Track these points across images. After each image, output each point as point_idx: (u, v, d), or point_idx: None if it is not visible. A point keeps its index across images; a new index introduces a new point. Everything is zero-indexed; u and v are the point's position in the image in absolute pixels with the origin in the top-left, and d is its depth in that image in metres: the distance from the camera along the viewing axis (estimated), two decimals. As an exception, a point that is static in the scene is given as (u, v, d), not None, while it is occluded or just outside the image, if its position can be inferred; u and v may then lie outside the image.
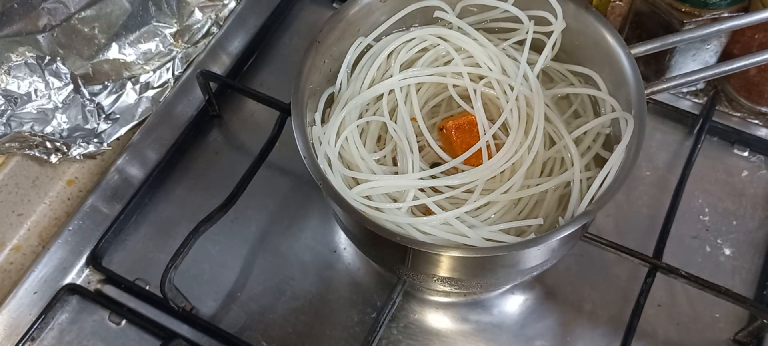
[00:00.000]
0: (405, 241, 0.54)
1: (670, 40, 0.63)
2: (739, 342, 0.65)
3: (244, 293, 0.69)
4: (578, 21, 0.63)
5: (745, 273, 0.69)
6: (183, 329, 0.67)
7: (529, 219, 0.58)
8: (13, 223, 0.70)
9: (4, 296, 0.67)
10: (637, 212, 0.72)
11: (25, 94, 0.72)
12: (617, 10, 0.79)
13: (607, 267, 0.69)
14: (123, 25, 0.78)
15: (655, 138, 0.77)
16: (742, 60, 0.61)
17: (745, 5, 0.70)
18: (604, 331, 0.66)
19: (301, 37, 0.87)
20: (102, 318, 0.68)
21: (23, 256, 0.70)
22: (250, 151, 0.74)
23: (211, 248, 0.71)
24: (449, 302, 0.69)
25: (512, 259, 0.57)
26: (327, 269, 0.70)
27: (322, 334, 0.67)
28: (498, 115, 0.63)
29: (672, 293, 0.68)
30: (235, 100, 0.82)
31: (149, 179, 0.74)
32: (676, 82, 0.61)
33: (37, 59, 0.73)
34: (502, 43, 0.66)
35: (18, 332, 0.66)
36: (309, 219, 0.73)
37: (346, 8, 0.64)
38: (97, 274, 0.70)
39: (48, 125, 0.72)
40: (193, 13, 0.82)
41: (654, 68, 0.77)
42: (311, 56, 0.61)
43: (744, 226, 0.71)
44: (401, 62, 0.65)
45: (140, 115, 0.77)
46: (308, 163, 0.55)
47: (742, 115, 0.77)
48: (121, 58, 0.77)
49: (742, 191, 0.74)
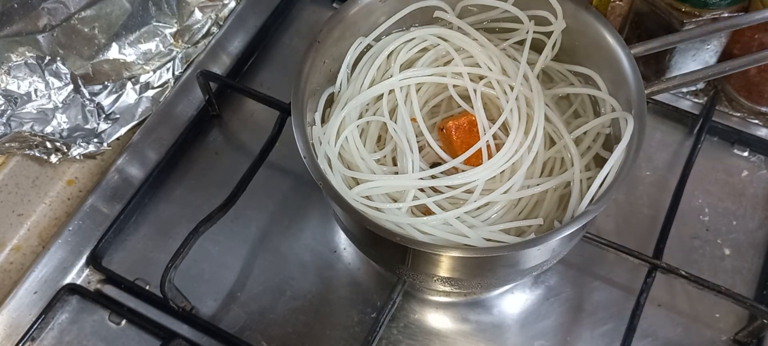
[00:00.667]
0: (405, 241, 0.54)
1: (670, 40, 0.63)
2: (739, 342, 0.65)
3: (244, 293, 0.69)
4: (578, 21, 0.63)
5: (745, 273, 0.69)
6: (183, 329, 0.67)
7: (529, 219, 0.58)
8: (13, 223, 0.70)
9: (4, 296, 0.67)
10: (637, 211, 0.72)
11: (25, 94, 0.72)
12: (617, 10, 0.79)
13: (607, 267, 0.69)
14: (123, 25, 0.78)
15: (655, 138, 0.77)
16: (742, 60, 0.61)
17: (745, 5, 0.70)
18: (605, 331, 0.66)
19: (301, 37, 0.87)
20: (102, 318, 0.68)
21: (23, 256, 0.70)
22: (250, 151, 0.74)
23: (211, 248, 0.71)
24: (449, 302, 0.69)
25: (512, 259, 0.57)
26: (327, 269, 0.70)
27: (322, 334, 0.67)
28: (498, 115, 0.63)
29: (672, 293, 0.68)
30: (235, 100, 0.82)
31: (149, 179, 0.74)
32: (676, 82, 0.61)
33: (37, 59, 0.73)
34: (502, 43, 0.66)
35: (18, 332, 0.66)
36: (309, 219, 0.73)
37: (346, 8, 0.64)
38: (97, 274, 0.70)
39: (48, 125, 0.72)
40: (193, 13, 0.82)
41: (654, 68, 0.77)
42: (311, 56, 0.61)
43: (744, 226, 0.71)
44: (401, 62, 0.65)
45: (140, 115, 0.77)
46: (308, 163, 0.55)
47: (742, 115, 0.77)
48: (121, 58, 0.77)
49: (742, 190, 0.74)
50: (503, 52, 0.64)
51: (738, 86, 0.77)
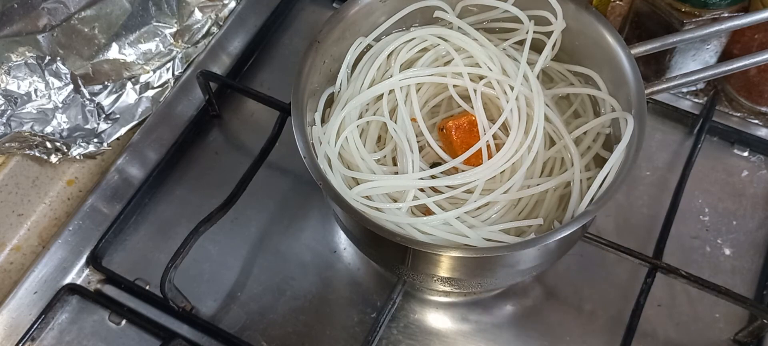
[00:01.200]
0: (405, 241, 0.54)
1: (670, 40, 0.63)
2: (739, 342, 0.65)
3: (244, 293, 0.69)
4: (578, 21, 0.63)
5: (745, 273, 0.69)
6: (183, 329, 0.67)
7: (529, 219, 0.58)
8: (13, 223, 0.70)
9: (4, 296, 0.67)
10: (637, 212, 0.72)
11: (25, 94, 0.72)
12: (617, 10, 0.79)
13: (607, 267, 0.69)
14: (123, 25, 0.78)
15: (655, 138, 0.77)
16: (742, 60, 0.61)
17: (745, 5, 0.70)
18: (604, 331, 0.66)
19: (301, 37, 0.87)
20: (102, 318, 0.68)
21: (23, 256, 0.70)
22: (250, 152, 0.74)
23: (211, 248, 0.71)
24: (449, 302, 0.69)
25: (512, 259, 0.57)
26: (327, 269, 0.70)
27: (322, 334, 0.67)
28: (498, 115, 0.63)
29: (672, 293, 0.68)
30: (235, 100, 0.82)
31: (149, 179, 0.75)
32: (676, 82, 0.61)
33: (37, 59, 0.73)
34: (502, 43, 0.66)
35: (18, 332, 0.66)
36: (309, 219, 0.73)
37: (346, 8, 0.64)
38: (97, 274, 0.70)
39: (48, 125, 0.72)
40: (193, 13, 0.82)
41: (654, 68, 0.77)
42: (311, 56, 0.61)
43: (744, 226, 0.71)
44: (401, 62, 0.65)
45: (140, 115, 0.77)
46: (308, 163, 0.55)
47: (742, 115, 0.77)
48: (121, 58, 0.77)
49: (742, 190, 0.74)
50: (503, 52, 0.64)
51: (738, 86, 0.77)
